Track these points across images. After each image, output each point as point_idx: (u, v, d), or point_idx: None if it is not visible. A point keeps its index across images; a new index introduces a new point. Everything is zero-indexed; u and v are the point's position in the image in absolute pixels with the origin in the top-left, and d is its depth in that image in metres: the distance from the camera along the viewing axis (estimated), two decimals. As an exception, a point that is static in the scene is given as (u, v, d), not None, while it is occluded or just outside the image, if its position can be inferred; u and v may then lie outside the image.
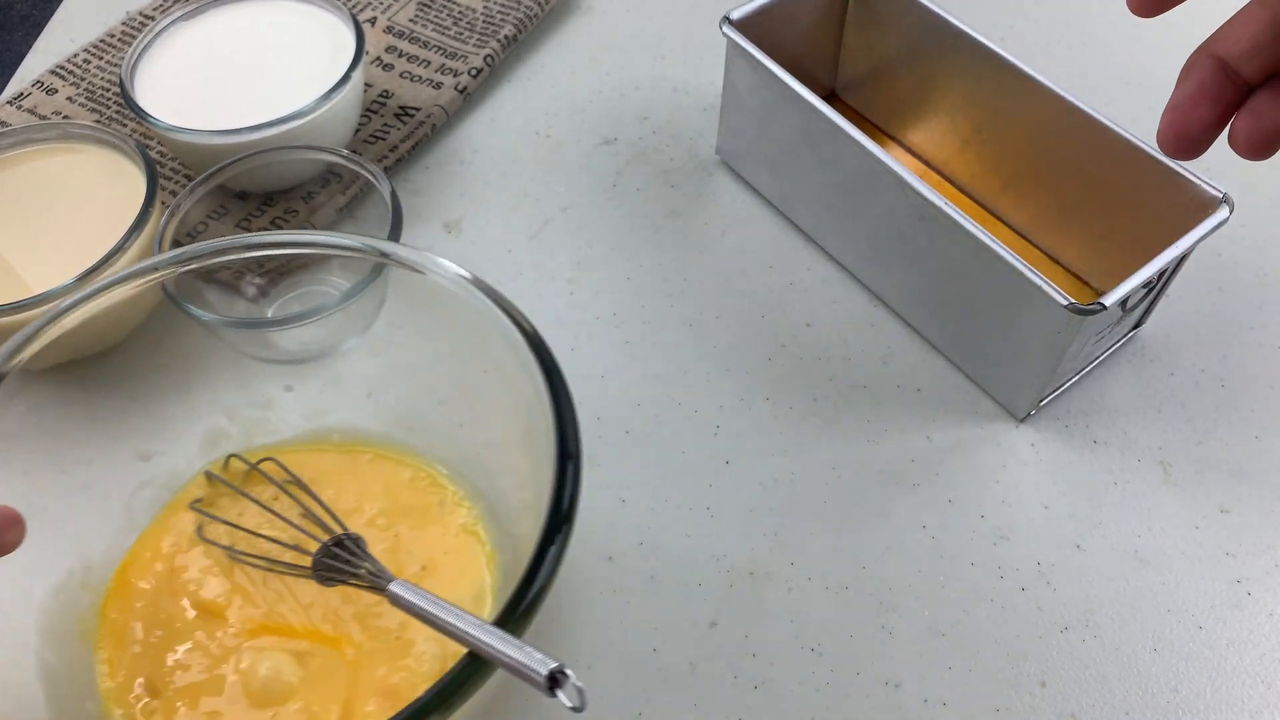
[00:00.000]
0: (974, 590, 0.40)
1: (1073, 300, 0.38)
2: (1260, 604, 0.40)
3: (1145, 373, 0.46)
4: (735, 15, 0.48)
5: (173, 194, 0.51)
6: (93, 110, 0.55)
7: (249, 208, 0.49)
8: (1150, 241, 0.40)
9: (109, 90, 0.56)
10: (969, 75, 0.48)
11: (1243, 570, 0.41)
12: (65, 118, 0.54)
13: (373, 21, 0.60)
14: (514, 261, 0.50)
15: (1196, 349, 0.47)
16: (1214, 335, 0.48)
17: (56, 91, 0.56)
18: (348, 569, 0.34)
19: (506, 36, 0.58)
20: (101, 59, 0.58)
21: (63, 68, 0.57)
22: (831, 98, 0.56)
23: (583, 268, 0.50)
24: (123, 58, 0.57)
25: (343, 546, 0.35)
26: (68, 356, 0.41)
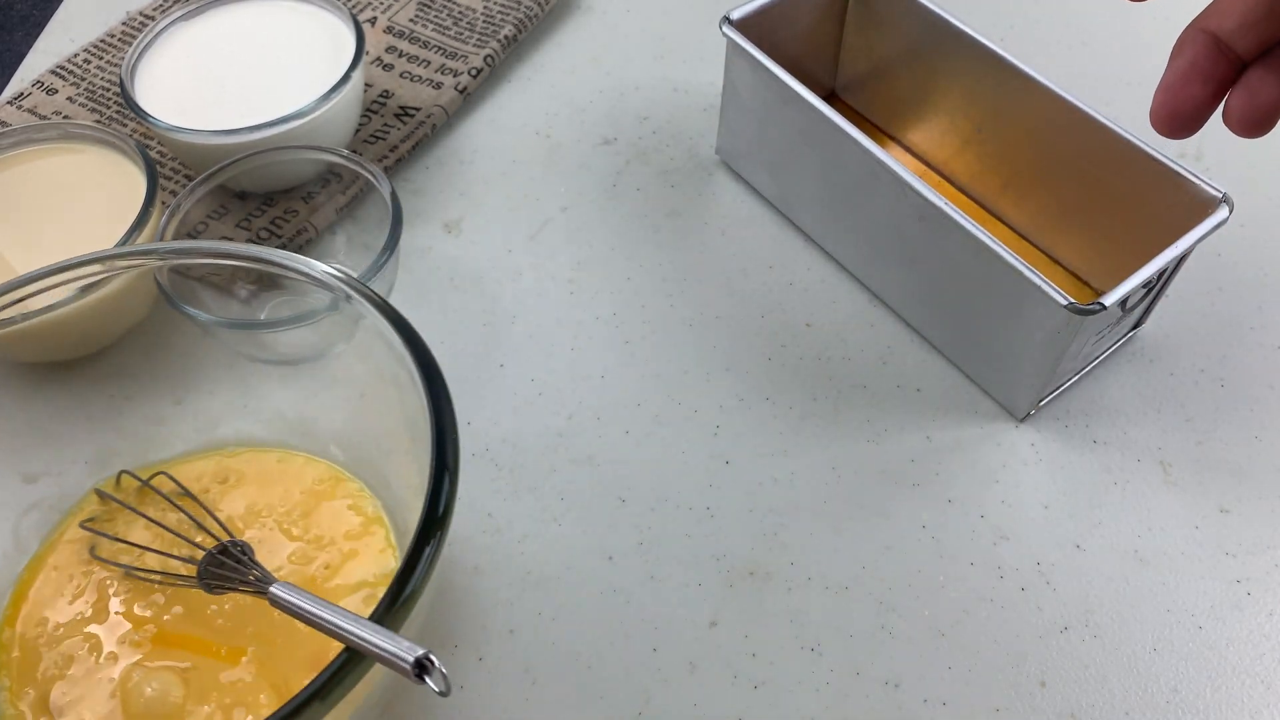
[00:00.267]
0: (974, 590, 0.40)
1: (1073, 300, 0.38)
2: (1260, 604, 0.40)
3: (1145, 372, 0.46)
4: (735, 15, 0.48)
5: (173, 194, 0.51)
6: (93, 110, 0.55)
7: (249, 208, 0.49)
8: (1150, 241, 0.40)
9: (109, 90, 0.56)
10: (969, 75, 0.48)
11: (1243, 570, 0.41)
12: (65, 118, 0.54)
13: (373, 21, 0.60)
14: (514, 261, 0.50)
15: (1196, 349, 0.47)
16: (1214, 335, 0.48)
17: (57, 91, 0.56)
18: (234, 575, 0.34)
19: (506, 36, 0.58)
20: (101, 59, 0.58)
21: (63, 68, 0.57)
22: (831, 98, 0.56)
23: (583, 268, 0.50)
24: (123, 58, 0.57)
25: (228, 554, 0.35)
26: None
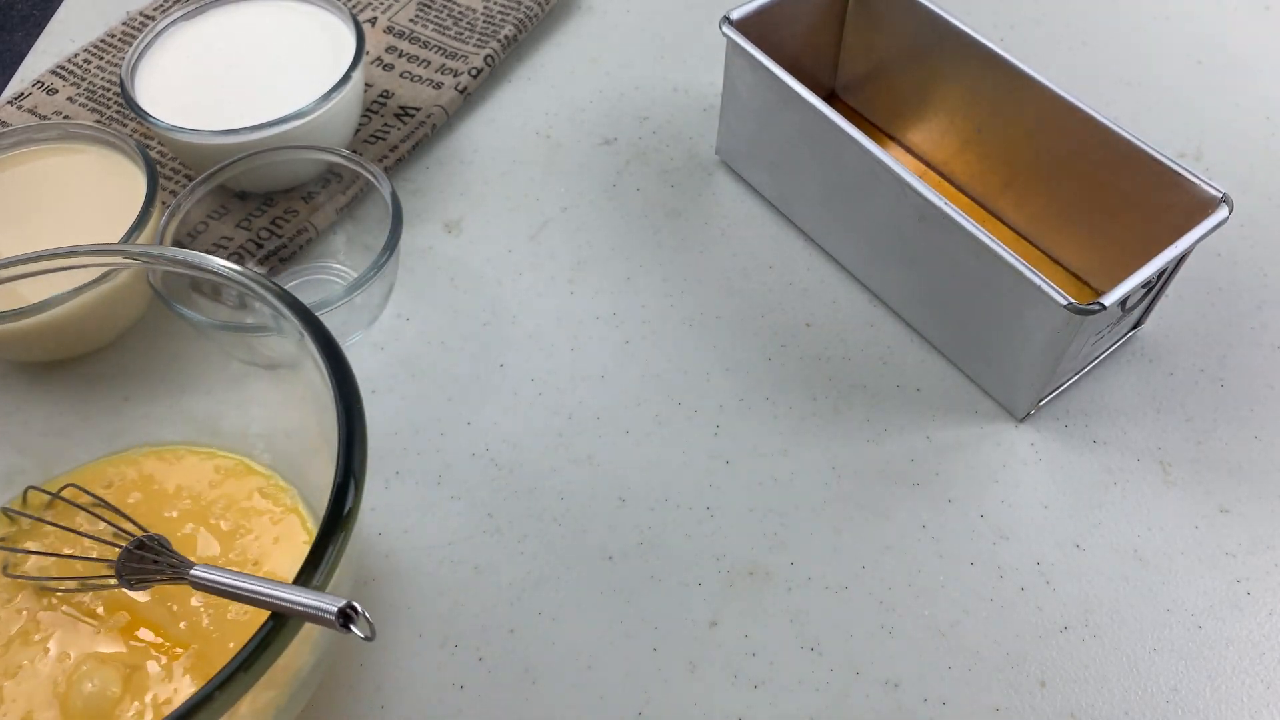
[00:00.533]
0: (974, 590, 0.40)
1: (1072, 300, 0.38)
2: (1260, 604, 0.40)
3: (1145, 372, 0.46)
4: (735, 15, 0.48)
5: (173, 194, 0.51)
6: (93, 110, 0.55)
7: (249, 208, 0.49)
8: (1150, 241, 0.40)
9: (109, 90, 0.56)
10: (969, 75, 0.48)
11: (1242, 570, 0.41)
12: (66, 118, 0.54)
13: (373, 21, 0.60)
14: (514, 261, 0.50)
15: (1196, 349, 0.47)
16: (1213, 335, 0.48)
17: (57, 91, 0.56)
18: (153, 568, 0.34)
19: (506, 37, 0.58)
20: (102, 59, 0.58)
21: (63, 68, 0.57)
22: (831, 98, 0.56)
23: (583, 268, 0.50)
24: (123, 58, 0.57)
25: (145, 548, 0.35)
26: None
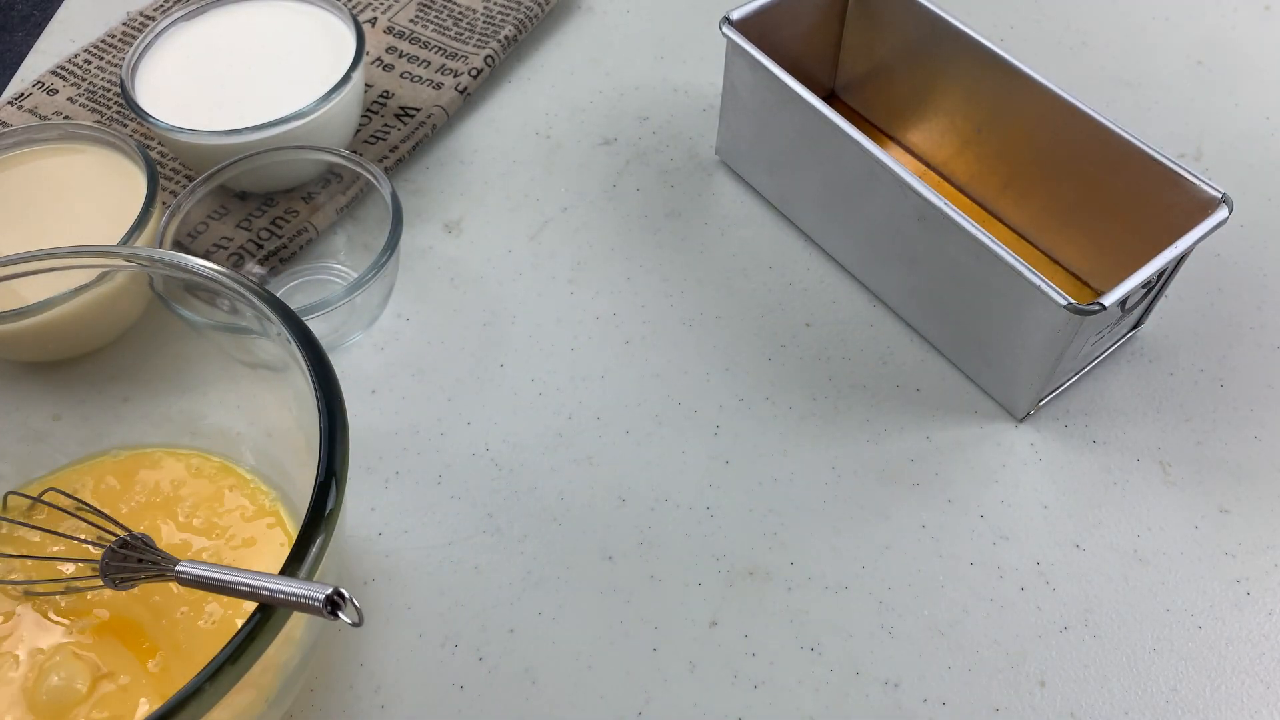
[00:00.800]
0: (973, 590, 0.40)
1: (1072, 300, 0.38)
2: (1260, 604, 0.40)
3: (1144, 372, 0.46)
4: (735, 15, 0.48)
5: (173, 194, 0.51)
6: (93, 110, 0.55)
7: (249, 208, 0.49)
8: (1150, 241, 0.40)
9: (109, 90, 0.56)
10: (969, 75, 0.48)
11: (1242, 570, 0.41)
12: (66, 118, 0.54)
13: (373, 22, 0.60)
14: (514, 261, 0.50)
15: (1195, 349, 0.47)
16: (1213, 335, 0.48)
17: (57, 92, 0.56)
18: (137, 566, 0.34)
19: (506, 37, 0.58)
20: (102, 59, 0.58)
21: (63, 68, 0.57)
22: (831, 98, 0.56)
23: (583, 268, 0.50)
24: (123, 58, 0.57)
25: (129, 547, 0.35)
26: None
